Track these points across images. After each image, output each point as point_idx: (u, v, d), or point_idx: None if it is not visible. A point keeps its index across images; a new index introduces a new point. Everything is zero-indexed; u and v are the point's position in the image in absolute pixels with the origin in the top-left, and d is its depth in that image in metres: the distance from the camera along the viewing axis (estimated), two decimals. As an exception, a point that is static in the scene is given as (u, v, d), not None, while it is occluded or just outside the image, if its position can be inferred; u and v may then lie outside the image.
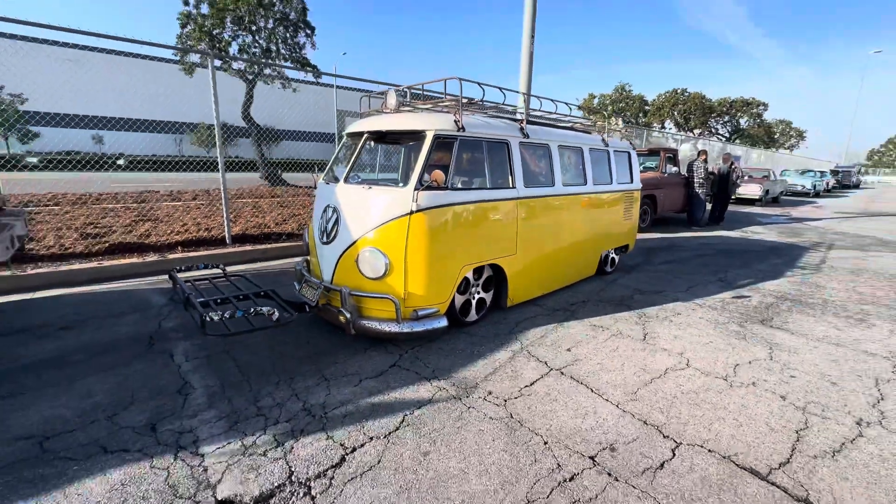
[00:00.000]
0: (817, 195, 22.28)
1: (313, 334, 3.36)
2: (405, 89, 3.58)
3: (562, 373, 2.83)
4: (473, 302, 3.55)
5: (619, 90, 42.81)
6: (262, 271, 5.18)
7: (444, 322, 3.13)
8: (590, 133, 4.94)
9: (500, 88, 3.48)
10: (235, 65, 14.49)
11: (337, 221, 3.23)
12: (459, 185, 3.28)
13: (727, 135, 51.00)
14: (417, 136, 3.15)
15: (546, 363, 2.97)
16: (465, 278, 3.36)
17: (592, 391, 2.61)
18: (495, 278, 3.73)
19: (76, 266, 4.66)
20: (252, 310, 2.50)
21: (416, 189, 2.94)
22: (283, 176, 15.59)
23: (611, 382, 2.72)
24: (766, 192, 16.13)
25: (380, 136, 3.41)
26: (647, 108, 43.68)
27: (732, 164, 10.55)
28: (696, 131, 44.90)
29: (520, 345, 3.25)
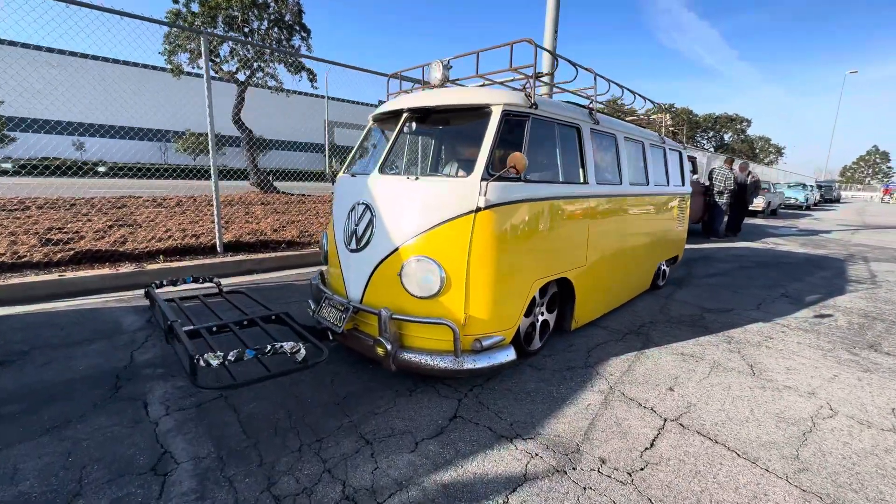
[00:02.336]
0: (808, 208, 22.44)
1: (336, 368, 2.58)
2: (450, 61, 2.88)
3: (681, 425, 2.11)
4: (538, 325, 2.83)
5: (612, 104, 43.13)
6: (260, 285, 4.37)
7: (512, 354, 2.39)
8: (644, 127, 4.32)
9: (572, 63, 2.82)
10: (226, 66, 13.73)
11: (371, 223, 2.49)
12: (532, 178, 2.56)
13: (712, 149, 51.96)
14: (480, 112, 2.44)
15: (653, 410, 2.24)
16: (532, 297, 2.64)
17: (739, 455, 1.89)
18: (559, 295, 3.02)
19: (30, 278, 3.78)
20: (269, 347, 1.72)
21: (483, 179, 2.23)
22: (275, 184, 14.76)
23: (754, 440, 2.01)
24: (769, 203, 16.01)
25: (424, 115, 2.69)
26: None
27: (750, 173, 10.15)
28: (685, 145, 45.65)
29: (606, 382, 2.53)
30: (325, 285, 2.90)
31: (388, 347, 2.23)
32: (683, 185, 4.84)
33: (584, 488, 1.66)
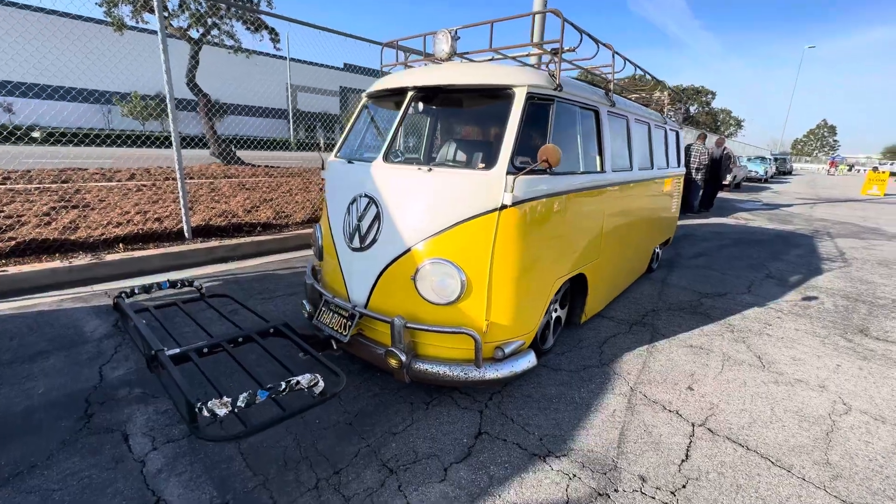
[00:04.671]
0: (766, 181, 23.47)
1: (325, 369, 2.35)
2: (457, 31, 2.54)
3: (710, 430, 2.06)
4: (551, 323, 2.69)
5: (584, 75, 42.73)
6: (238, 276, 4.00)
7: (533, 360, 2.24)
8: (647, 106, 4.15)
9: (594, 39, 2.54)
10: (176, 21, 12.33)
11: (377, 219, 2.21)
12: (555, 169, 2.33)
13: (679, 122, 53.04)
14: (500, 94, 2.16)
15: (679, 414, 2.18)
16: (549, 295, 2.48)
17: (773, 464, 1.86)
18: (570, 290, 2.89)
19: (-36, 276, 3.26)
20: (283, 385, 1.45)
21: (509, 173, 1.99)
22: (238, 153, 13.75)
23: (782, 444, 1.99)
24: (734, 177, 16.55)
25: (432, 95, 2.38)
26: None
27: (725, 148, 10.32)
28: (654, 117, 46.28)
29: (625, 383, 2.44)
30: (320, 284, 2.63)
31: (403, 359, 2.02)
32: (679, 165, 4.77)
33: (631, 514, 1.57)
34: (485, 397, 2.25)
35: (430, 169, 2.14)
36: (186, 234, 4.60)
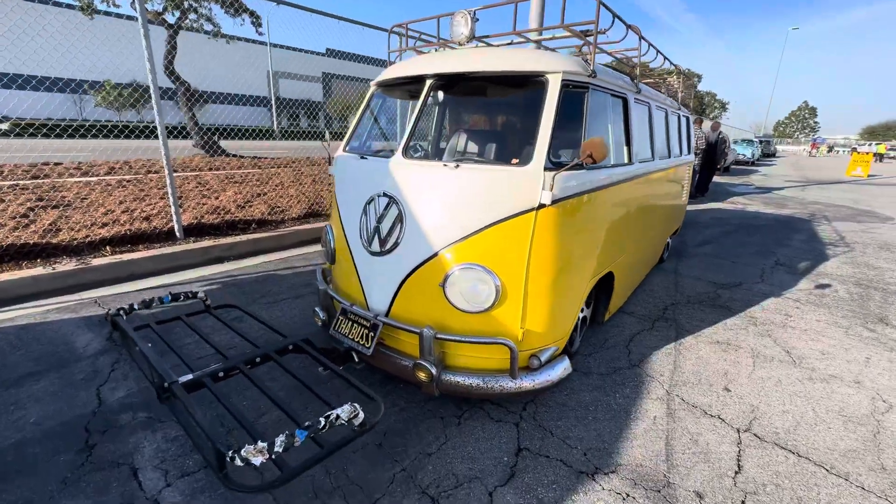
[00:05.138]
0: (753, 163, 23.71)
1: (352, 392, 2.20)
2: (477, 13, 2.33)
3: (757, 436, 1.97)
4: (578, 324, 2.57)
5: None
6: (238, 278, 3.78)
7: (568, 366, 2.11)
8: (659, 90, 4.00)
9: (624, 21, 2.35)
10: (150, 4, 11.67)
11: (399, 221, 2.03)
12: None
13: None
14: (532, 82, 1.98)
15: (721, 418, 2.09)
16: (579, 296, 2.34)
17: (829, 472, 1.77)
18: (596, 287, 2.76)
19: (-64, 287, 2.99)
20: (322, 422, 1.28)
21: (546, 169, 1.82)
22: (221, 144, 13.25)
23: (832, 448, 1.91)
24: (725, 160, 16.65)
25: (454, 83, 2.18)
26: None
27: (721, 133, 10.28)
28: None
29: (660, 386, 2.34)
30: (332, 289, 2.45)
31: (434, 372, 1.87)
32: (690, 152, 4.66)
33: (695, 538, 1.46)
34: (518, 407, 2.12)
35: (457, 165, 1.97)
36: (178, 234, 4.34)
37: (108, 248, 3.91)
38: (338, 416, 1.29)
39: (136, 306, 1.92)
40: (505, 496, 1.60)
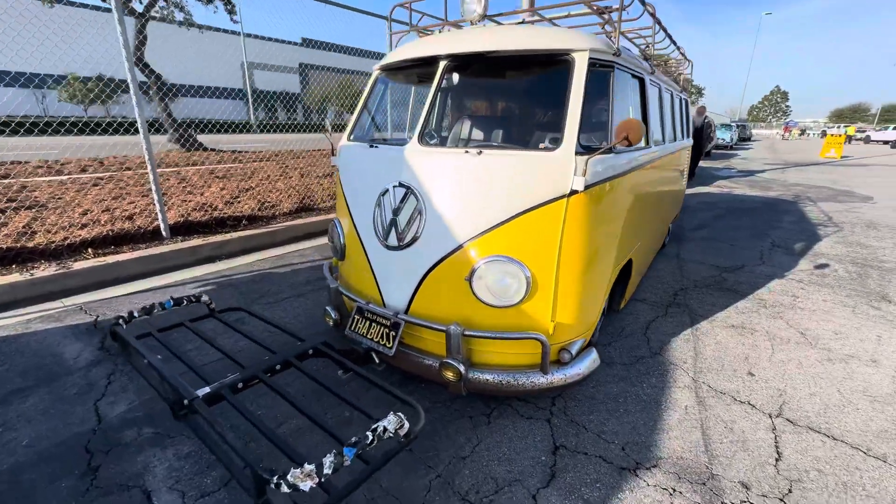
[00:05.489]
0: (731, 147, 24.22)
1: (379, 393, 2.09)
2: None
3: (790, 422, 1.95)
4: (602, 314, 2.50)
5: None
6: (232, 278, 3.59)
7: (597, 358, 2.04)
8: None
9: (641, 1, 2.26)
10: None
11: (418, 213, 1.91)
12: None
13: (643, 91, 53.77)
14: (557, 61, 1.87)
15: (751, 404, 2.06)
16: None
17: (867, 454, 1.76)
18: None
19: None
20: (370, 437, 1.14)
21: (577, 153, 1.72)
22: (198, 138, 12.72)
23: (865, 430, 1.90)
24: (710, 144, 16.94)
25: (469, 64, 2.05)
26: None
27: (706, 117, 10.37)
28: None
29: (685, 374, 2.30)
30: (345, 288, 2.31)
31: (463, 371, 1.78)
32: (689, 136, 4.63)
33: (750, 531, 1.42)
34: (547, 403, 2.05)
35: (480, 152, 1.85)
36: (164, 233, 4.10)
37: (89, 250, 3.66)
38: (385, 429, 1.18)
39: (136, 314, 1.76)
40: (549, 499, 1.53)
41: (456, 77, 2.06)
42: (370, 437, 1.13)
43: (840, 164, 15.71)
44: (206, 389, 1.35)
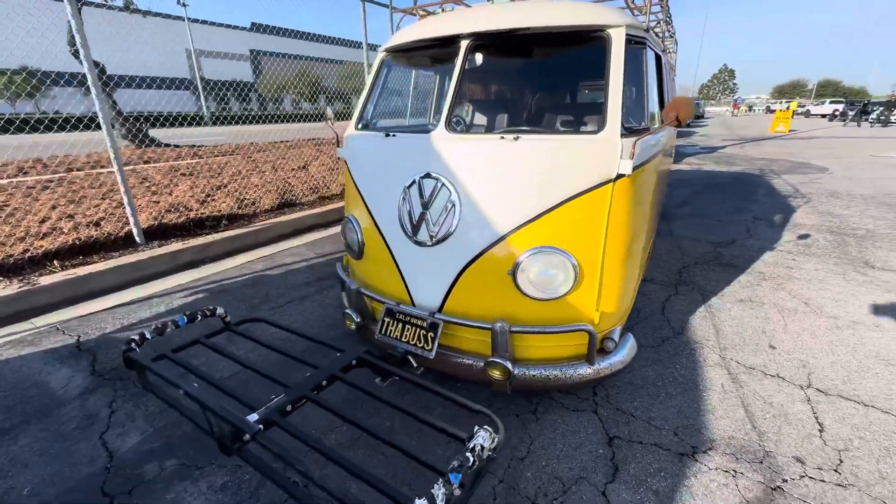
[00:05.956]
0: (689, 125, 25.19)
1: (415, 396, 1.99)
2: (502, -37, 2.06)
3: (822, 392, 2.00)
4: (623, 298, 2.49)
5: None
6: (223, 283, 3.34)
7: (634, 344, 2.00)
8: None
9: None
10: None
11: (452, 205, 1.79)
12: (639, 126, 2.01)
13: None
14: (591, 38, 1.77)
15: (781, 377, 2.11)
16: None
17: (898, 417, 1.83)
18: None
19: None
20: (471, 459, 1.02)
21: (623, 136, 1.65)
22: (150, 133, 11.82)
23: (888, 394, 1.98)
24: (668, 124, 17.52)
25: (490, 44, 1.92)
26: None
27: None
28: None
29: (712, 352, 2.33)
30: (367, 288, 2.17)
31: (511, 369, 1.70)
32: (674, 115, 4.69)
33: (818, 506, 1.44)
34: (589, 392, 2.01)
35: (517, 137, 1.74)
36: (138, 239, 3.76)
37: (55, 262, 3.29)
38: (482, 447, 1.08)
39: (147, 335, 1.55)
40: (620, 494, 1.49)
41: (480, 58, 1.93)
42: (472, 461, 1.03)
43: (790, 137, 16.67)
44: (255, 416, 1.20)
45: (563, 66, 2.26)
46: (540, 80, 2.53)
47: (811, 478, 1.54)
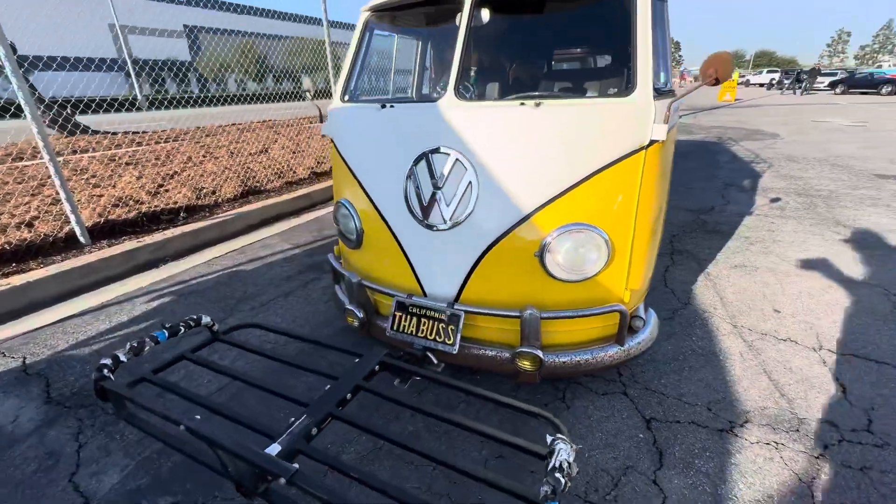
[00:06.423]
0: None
1: (436, 395, 1.83)
2: None
3: (832, 352, 2.03)
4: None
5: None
6: (190, 283, 2.98)
7: (657, 319, 1.94)
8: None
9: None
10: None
11: (469, 182, 1.59)
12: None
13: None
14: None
15: (794, 341, 2.12)
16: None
17: (908, 371, 1.88)
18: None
19: None
20: (562, 481, 0.85)
21: (656, 98, 1.50)
22: (79, 119, 10.56)
23: (895, 350, 2.04)
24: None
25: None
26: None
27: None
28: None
29: (722, 320, 2.32)
30: (369, 280, 1.95)
31: (543, 358, 1.57)
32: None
33: (861, 469, 1.43)
34: (614, 374, 1.93)
35: (539, 103, 1.56)
36: (82, 239, 3.28)
37: (-19, 272, 2.80)
38: (569, 464, 0.93)
39: (121, 357, 1.27)
40: (672, 481, 1.41)
41: (486, 14, 1.71)
42: (563, 482, 0.89)
43: (737, 106, 17.44)
44: (277, 447, 0.99)
45: (581, 21, 2.06)
46: (556, 38, 2.31)
47: (848, 441, 1.54)
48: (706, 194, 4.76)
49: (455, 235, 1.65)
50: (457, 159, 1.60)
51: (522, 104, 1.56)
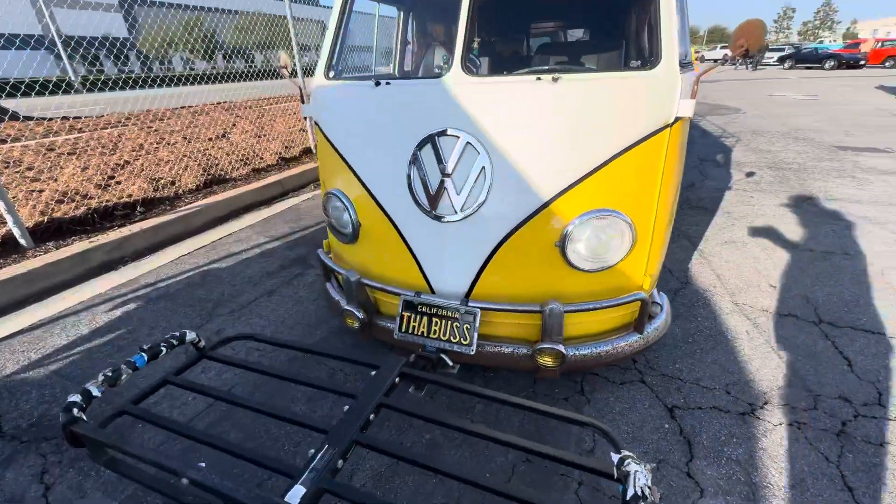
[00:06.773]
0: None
1: (452, 398, 1.72)
2: None
3: (834, 325, 2.06)
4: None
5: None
6: (158, 286, 2.69)
7: (668, 302, 1.89)
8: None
9: None
10: None
11: (482, 167, 1.45)
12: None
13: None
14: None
15: (795, 315, 2.14)
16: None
17: (904, 341, 1.93)
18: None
19: None
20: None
21: (682, 71, 1.39)
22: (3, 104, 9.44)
23: (891, 321, 2.09)
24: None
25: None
26: None
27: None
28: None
29: (722, 298, 2.32)
30: (368, 277, 1.78)
31: (565, 353, 1.48)
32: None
33: (881, 444, 1.44)
34: (628, 362, 1.88)
35: (556, 78, 1.41)
36: (23, 241, 2.90)
37: None
38: (650, 488, 0.83)
39: (94, 391, 1.05)
40: (705, 472, 1.37)
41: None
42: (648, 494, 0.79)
43: (697, 81, 17.86)
44: (302, 489, 0.84)
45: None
46: (568, 5, 2.15)
47: (864, 416, 1.55)
48: (688, 172, 4.81)
49: (467, 227, 1.51)
50: (467, 142, 1.45)
51: (539, 78, 1.41)
